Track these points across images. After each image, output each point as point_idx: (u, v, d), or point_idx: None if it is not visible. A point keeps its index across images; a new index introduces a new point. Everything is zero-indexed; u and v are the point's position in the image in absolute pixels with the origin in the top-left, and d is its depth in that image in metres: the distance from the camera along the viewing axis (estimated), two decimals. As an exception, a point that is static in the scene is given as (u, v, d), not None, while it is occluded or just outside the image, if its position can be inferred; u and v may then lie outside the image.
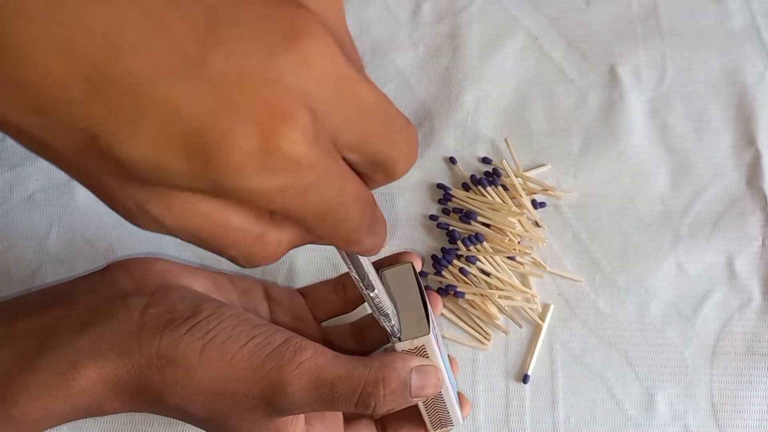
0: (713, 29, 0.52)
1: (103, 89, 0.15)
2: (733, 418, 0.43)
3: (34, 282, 0.44)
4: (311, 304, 0.37)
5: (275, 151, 0.16)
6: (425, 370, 0.30)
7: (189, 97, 0.16)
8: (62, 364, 0.28)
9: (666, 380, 0.44)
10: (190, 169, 0.16)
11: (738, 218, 0.47)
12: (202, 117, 0.16)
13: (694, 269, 0.46)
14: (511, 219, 0.45)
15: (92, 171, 0.17)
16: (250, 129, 0.16)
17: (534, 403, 0.43)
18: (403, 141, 0.21)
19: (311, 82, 0.17)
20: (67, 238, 0.45)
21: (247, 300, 0.35)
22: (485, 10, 0.52)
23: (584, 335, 0.44)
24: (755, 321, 0.45)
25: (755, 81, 0.50)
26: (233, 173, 0.16)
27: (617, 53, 0.51)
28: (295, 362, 0.28)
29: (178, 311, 0.29)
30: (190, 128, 0.16)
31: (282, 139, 0.16)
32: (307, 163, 0.17)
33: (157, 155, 0.16)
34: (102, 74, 0.15)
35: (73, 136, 0.16)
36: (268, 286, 0.37)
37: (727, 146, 0.49)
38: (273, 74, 0.16)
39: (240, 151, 0.16)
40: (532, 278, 0.45)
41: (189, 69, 0.16)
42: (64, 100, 0.15)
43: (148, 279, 0.31)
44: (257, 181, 0.17)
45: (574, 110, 0.50)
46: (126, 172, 0.17)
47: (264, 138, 0.16)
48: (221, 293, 0.34)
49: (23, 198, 0.46)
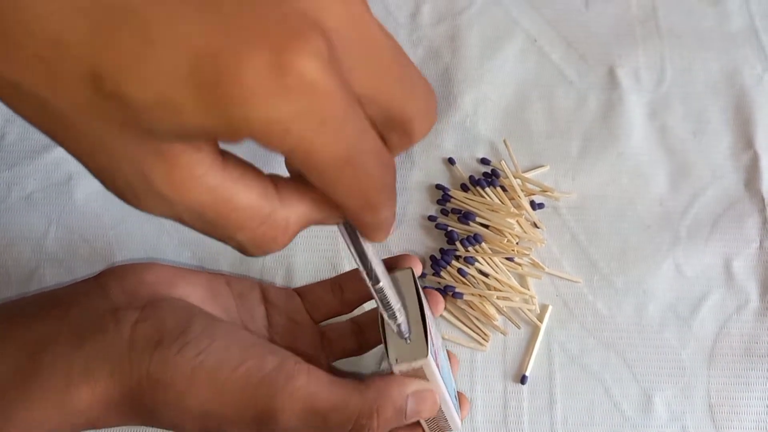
0: (712, 31, 0.52)
1: (106, 23, 0.15)
2: (731, 419, 0.43)
3: (32, 281, 0.44)
4: (308, 306, 0.36)
5: (288, 68, 0.15)
6: (422, 395, 0.30)
7: (196, 24, 0.15)
8: (56, 384, 0.27)
9: (664, 381, 0.44)
10: (200, 101, 0.15)
11: (736, 220, 0.47)
12: (210, 42, 0.15)
13: (692, 271, 0.46)
14: (510, 220, 0.45)
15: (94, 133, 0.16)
16: (260, 47, 0.15)
17: (532, 404, 0.43)
18: (420, 96, 0.20)
19: (324, 12, 0.16)
20: (65, 237, 0.45)
21: (243, 304, 0.35)
22: (485, 12, 0.52)
23: (582, 336, 0.44)
24: (753, 322, 0.45)
25: (754, 83, 0.50)
26: (245, 99, 0.15)
27: (616, 55, 0.51)
28: (287, 390, 0.27)
29: (167, 329, 0.28)
30: (198, 55, 0.15)
31: (295, 57, 0.15)
32: (323, 88, 0.16)
33: (165, 89, 0.15)
34: (105, 9, 0.15)
35: (76, 83, 0.15)
36: (265, 288, 0.36)
37: (726, 148, 0.49)
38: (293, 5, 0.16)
39: (251, 72, 0.15)
40: (530, 279, 0.45)
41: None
42: (67, 40, 0.15)
43: (140, 290, 0.30)
44: (271, 106, 0.15)
45: (573, 112, 0.50)
46: (132, 120, 0.16)
47: (276, 55, 0.15)
48: (217, 300, 0.33)
49: (21, 197, 0.46)
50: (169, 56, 0.15)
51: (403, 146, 0.21)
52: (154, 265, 0.32)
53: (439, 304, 0.35)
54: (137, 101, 0.15)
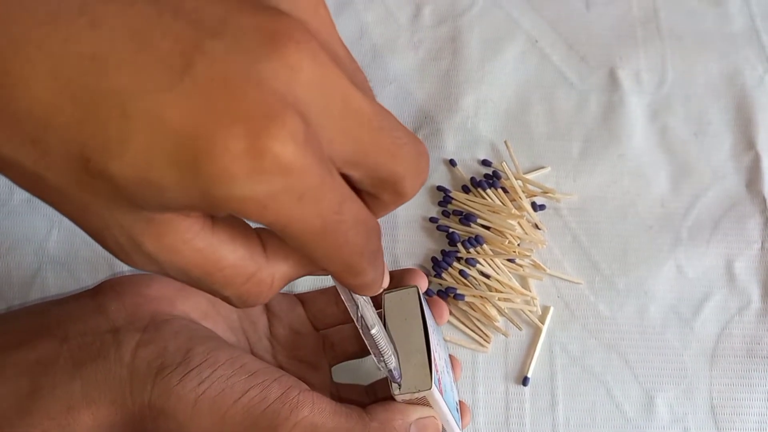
0: (713, 32, 0.52)
1: (92, 109, 0.16)
2: (733, 420, 0.43)
3: (35, 284, 0.44)
4: (310, 315, 0.36)
5: (264, 152, 0.16)
6: (425, 423, 0.29)
7: (175, 107, 0.16)
8: (56, 409, 0.27)
9: (665, 383, 0.44)
10: (180, 181, 0.16)
11: (737, 221, 0.47)
12: (188, 125, 0.16)
13: (693, 272, 0.46)
14: (511, 221, 0.45)
15: (86, 203, 0.17)
16: (237, 131, 0.16)
17: (534, 406, 0.43)
18: (408, 155, 0.20)
19: (299, 87, 0.17)
20: (67, 240, 0.45)
21: (245, 315, 0.34)
22: (485, 14, 0.52)
23: (584, 338, 0.44)
24: (754, 324, 0.45)
25: (755, 84, 0.50)
26: (223, 180, 0.16)
27: (617, 56, 0.51)
28: (290, 421, 0.27)
29: (169, 354, 0.28)
30: (177, 137, 0.16)
31: (271, 140, 0.16)
32: (299, 167, 0.17)
33: (148, 170, 0.16)
34: (90, 94, 0.16)
35: (66, 162, 0.16)
36: None
37: (727, 149, 0.49)
38: (258, 78, 0.16)
39: (228, 155, 0.16)
40: (531, 281, 0.45)
41: (173, 80, 0.16)
42: (56, 123, 0.16)
43: (141, 308, 0.30)
44: (248, 186, 0.16)
45: (574, 113, 0.50)
46: (120, 195, 0.17)
47: (252, 139, 0.16)
48: (220, 312, 0.33)
49: (24, 200, 0.46)
50: (149, 138, 0.16)
51: (396, 204, 0.21)
52: (154, 279, 0.32)
53: (443, 314, 0.34)
54: (122, 180, 0.16)
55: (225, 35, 0.17)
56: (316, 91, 0.17)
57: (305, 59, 0.17)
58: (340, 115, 0.18)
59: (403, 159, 0.20)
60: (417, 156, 0.20)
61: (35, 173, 0.17)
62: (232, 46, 0.16)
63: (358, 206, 0.20)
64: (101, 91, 0.16)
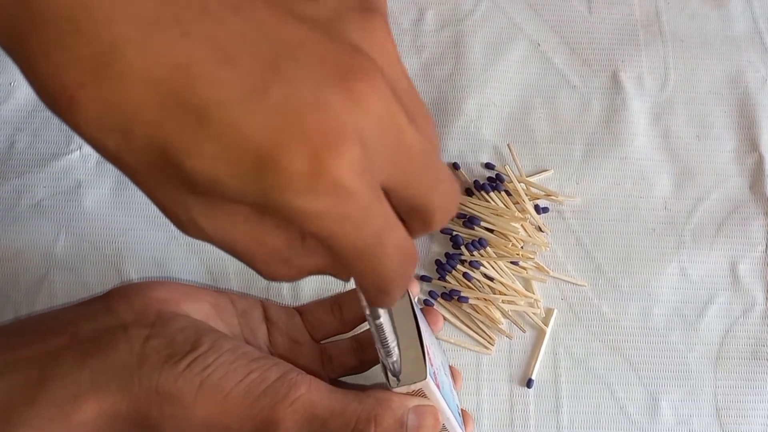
0: (715, 35, 0.52)
1: (175, 111, 0.18)
2: (738, 422, 0.43)
3: (42, 288, 0.45)
4: (308, 325, 0.37)
5: (323, 173, 0.18)
6: (423, 410, 0.30)
7: (250, 121, 0.18)
8: (63, 397, 0.28)
9: (670, 385, 0.44)
10: (245, 185, 0.18)
11: (741, 223, 0.47)
12: (259, 138, 0.18)
13: (697, 274, 0.46)
14: (515, 224, 0.45)
15: (157, 182, 0.20)
16: (303, 151, 0.18)
17: (538, 408, 0.43)
18: (444, 192, 0.22)
19: (362, 120, 0.19)
20: (74, 244, 0.46)
21: (246, 323, 0.35)
22: (488, 18, 0.53)
23: (588, 340, 0.44)
24: (759, 325, 0.45)
25: (758, 86, 0.50)
26: (283, 191, 0.18)
27: (620, 59, 0.51)
28: (289, 399, 0.28)
29: (177, 345, 0.29)
30: (249, 148, 0.18)
31: (331, 163, 0.18)
32: (351, 192, 0.19)
33: (217, 170, 0.18)
34: (175, 98, 0.18)
35: (146, 151, 0.19)
36: (267, 307, 0.37)
37: (730, 151, 0.49)
38: (327, 106, 0.18)
39: (291, 171, 0.18)
40: (535, 283, 0.45)
41: (252, 98, 0.18)
42: (142, 119, 0.18)
43: (149, 307, 0.31)
44: (302, 200, 0.18)
45: (576, 116, 0.50)
46: (188, 183, 0.19)
47: (315, 160, 0.18)
48: (221, 317, 0.34)
49: (31, 205, 0.47)
50: (223, 145, 0.18)
51: (422, 233, 0.23)
52: (159, 284, 0.33)
53: (438, 322, 0.35)
54: (193, 175, 0.19)
55: (300, 60, 0.19)
56: (376, 126, 0.19)
57: (372, 96, 0.19)
58: (392, 148, 0.20)
59: (439, 195, 0.22)
60: (452, 194, 0.23)
61: (116, 154, 0.19)
62: (307, 71, 0.18)
63: (402, 234, 0.21)
64: (184, 97, 0.18)
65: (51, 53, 0.17)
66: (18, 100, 0.49)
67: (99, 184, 0.47)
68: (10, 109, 0.49)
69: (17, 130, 0.48)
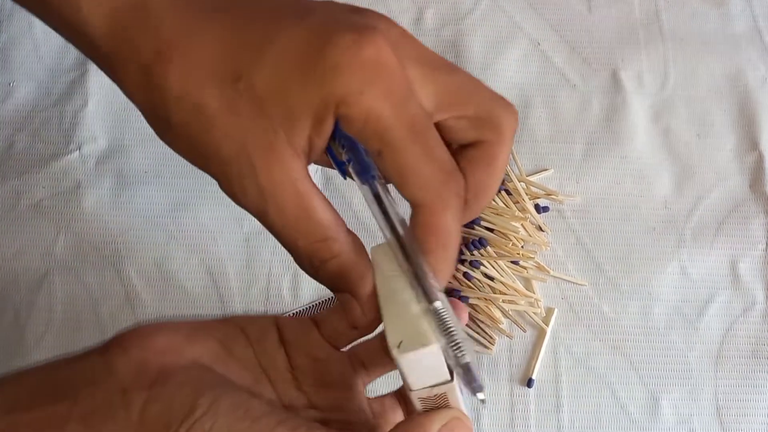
0: (715, 33, 0.52)
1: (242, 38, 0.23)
2: (739, 421, 0.43)
3: (42, 288, 0.45)
4: (327, 335, 0.34)
5: (364, 46, 0.22)
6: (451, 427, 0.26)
7: (302, 32, 0.23)
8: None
9: (671, 384, 0.44)
10: (303, 79, 0.22)
11: (741, 222, 0.47)
12: (310, 37, 0.23)
13: (697, 273, 0.46)
14: (515, 223, 0.45)
15: (229, 128, 0.23)
16: (346, 34, 0.22)
17: (539, 407, 0.43)
18: (502, 99, 0.24)
19: (392, 35, 0.23)
20: (74, 244, 0.46)
21: (262, 351, 0.33)
22: (488, 17, 0.52)
23: (588, 339, 0.44)
24: (760, 324, 0.45)
25: (758, 84, 0.50)
26: (333, 70, 0.22)
27: (620, 58, 0.51)
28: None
29: (174, 410, 0.28)
30: (304, 46, 0.23)
31: (370, 38, 0.22)
32: (391, 65, 0.22)
33: (280, 77, 0.23)
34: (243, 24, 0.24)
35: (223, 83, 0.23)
36: (281, 326, 0.34)
37: (730, 150, 0.49)
38: (359, 22, 0.23)
39: (338, 48, 0.22)
40: (535, 282, 0.45)
41: (301, 16, 0.23)
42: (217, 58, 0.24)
43: (148, 363, 0.30)
44: (351, 76, 0.22)
45: (576, 115, 0.50)
46: (258, 109, 0.23)
47: (356, 37, 0.22)
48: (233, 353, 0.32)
49: (31, 205, 0.47)
50: (282, 52, 0.23)
51: (497, 144, 0.25)
52: (161, 330, 0.31)
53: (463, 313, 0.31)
54: (262, 90, 0.22)
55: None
56: (408, 43, 0.23)
57: (392, 28, 0.24)
58: (439, 64, 0.23)
59: (500, 101, 0.25)
60: (508, 103, 0.25)
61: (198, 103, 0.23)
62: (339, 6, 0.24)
63: (442, 143, 0.24)
64: (251, 23, 0.23)
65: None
66: (17, 100, 0.49)
67: (98, 185, 0.47)
68: (10, 110, 0.48)
69: (16, 130, 0.48)
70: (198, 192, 0.47)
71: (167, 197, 0.47)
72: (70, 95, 0.49)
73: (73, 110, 0.48)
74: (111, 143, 0.48)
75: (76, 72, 0.49)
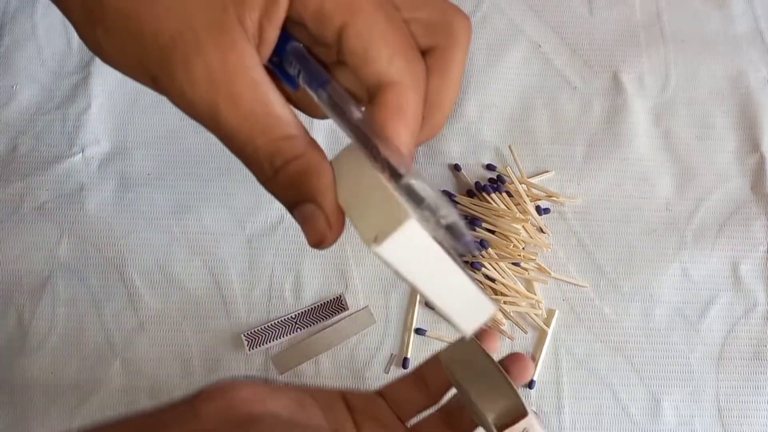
0: (717, 35, 0.52)
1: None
2: (740, 423, 0.43)
3: (45, 290, 0.45)
4: (393, 406, 0.35)
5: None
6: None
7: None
8: None
9: (672, 385, 0.44)
10: None
11: (742, 223, 0.47)
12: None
13: (698, 275, 0.46)
14: (516, 225, 0.45)
15: (192, 18, 0.20)
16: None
17: (540, 409, 0.43)
18: (452, 6, 0.24)
19: None
20: (77, 247, 0.46)
21: (332, 416, 0.34)
22: (488, 19, 0.53)
23: (589, 341, 0.44)
24: (761, 326, 0.45)
25: (759, 86, 0.50)
26: None
27: (621, 60, 0.51)
28: None
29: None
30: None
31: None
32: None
33: None
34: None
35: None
36: (348, 397, 0.35)
37: (731, 152, 0.49)
38: None
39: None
40: (536, 284, 0.45)
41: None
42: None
43: (234, 408, 0.30)
44: None
45: (577, 117, 0.50)
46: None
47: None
48: (306, 413, 0.33)
49: (34, 208, 0.47)
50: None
51: (448, 49, 0.23)
52: (245, 383, 0.32)
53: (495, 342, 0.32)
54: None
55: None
56: None
57: None
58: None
59: (452, 7, 0.24)
60: (460, 10, 0.24)
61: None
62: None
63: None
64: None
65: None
66: (20, 103, 0.49)
67: (101, 187, 0.47)
68: (13, 113, 0.49)
69: (20, 133, 0.48)
70: (200, 194, 0.47)
71: (170, 199, 0.47)
72: (73, 98, 0.49)
73: (75, 113, 0.49)
74: (114, 146, 0.48)
75: (78, 75, 0.49)
